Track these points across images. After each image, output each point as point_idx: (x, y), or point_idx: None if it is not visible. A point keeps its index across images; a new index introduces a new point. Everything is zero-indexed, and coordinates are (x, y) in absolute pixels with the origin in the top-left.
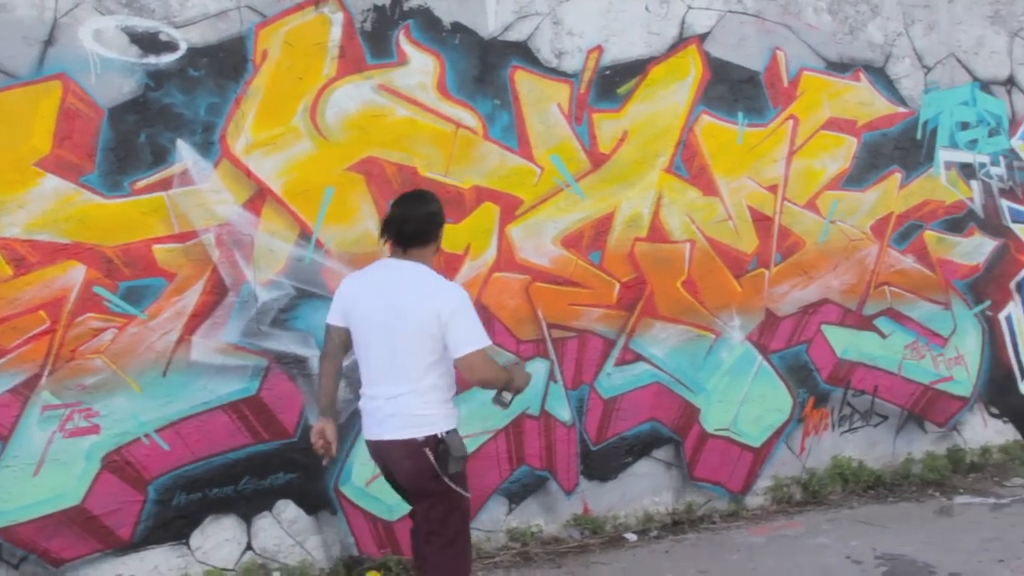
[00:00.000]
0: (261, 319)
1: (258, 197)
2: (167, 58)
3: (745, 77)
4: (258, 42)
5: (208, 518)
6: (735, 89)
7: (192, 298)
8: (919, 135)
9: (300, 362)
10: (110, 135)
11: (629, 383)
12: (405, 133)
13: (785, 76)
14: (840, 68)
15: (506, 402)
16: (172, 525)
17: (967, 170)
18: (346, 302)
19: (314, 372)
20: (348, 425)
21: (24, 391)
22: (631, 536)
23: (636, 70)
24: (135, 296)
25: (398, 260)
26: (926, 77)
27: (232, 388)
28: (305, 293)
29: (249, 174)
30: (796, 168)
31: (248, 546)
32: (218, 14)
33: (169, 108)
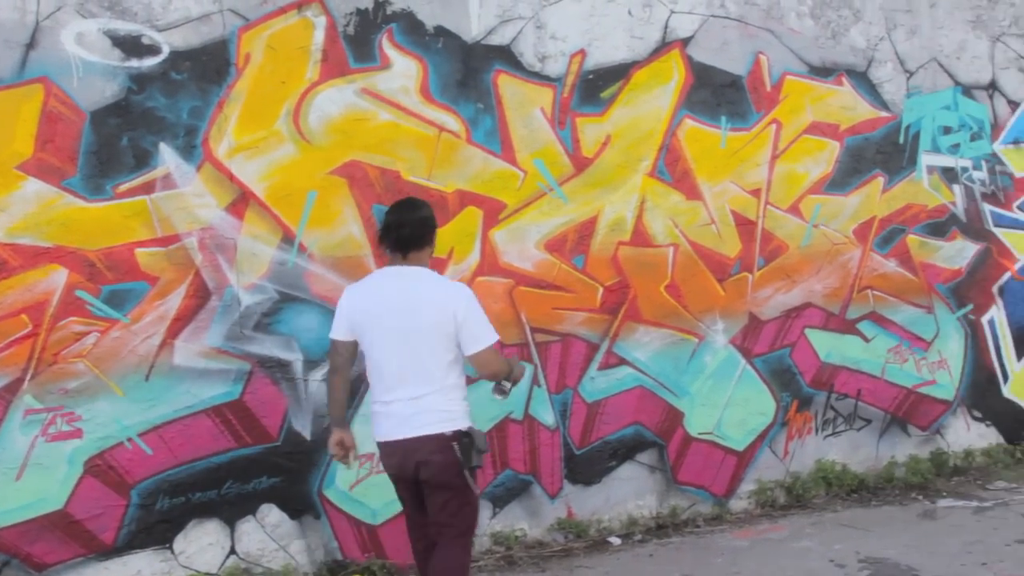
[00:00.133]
0: (244, 323)
1: (241, 201)
2: (149, 61)
3: (728, 81)
4: (241, 46)
5: (191, 522)
6: (718, 93)
7: (175, 302)
8: (901, 139)
9: (283, 366)
10: (92, 138)
11: (613, 387)
12: (388, 137)
13: (768, 80)
14: (823, 72)
15: (506, 391)
16: (155, 529)
17: (949, 174)
18: (353, 314)
19: (298, 376)
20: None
21: (6, 395)
22: (615, 540)
23: (619, 74)
24: (118, 300)
25: (399, 267)
26: (908, 82)
27: (215, 392)
28: (288, 297)
29: (232, 178)
30: (779, 172)
31: (232, 550)
32: (200, 17)
33: (151, 111)
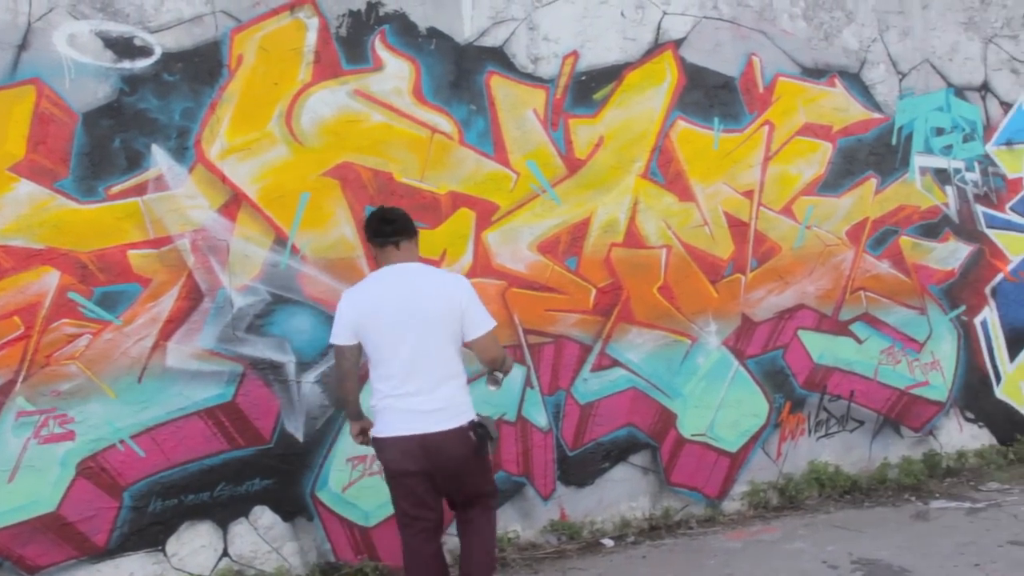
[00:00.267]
0: (237, 325)
1: (233, 202)
2: (142, 63)
3: (721, 83)
4: (233, 47)
5: (184, 524)
6: (711, 95)
7: (167, 304)
8: (894, 141)
9: (276, 368)
10: (84, 140)
11: (606, 388)
12: (381, 139)
13: (760, 82)
14: (815, 74)
15: (499, 381)
16: (148, 532)
17: (942, 176)
18: (357, 317)
19: (290, 378)
20: (325, 431)
21: None
22: (608, 542)
23: (612, 76)
24: (110, 302)
25: (396, 265)
26: (901, 83)
27: (208, 394)
28: (281, 299)
29: (224, 179)
30: (772, 174)
31: (224, 552)
32: (193, 19)
33: (144, 113)
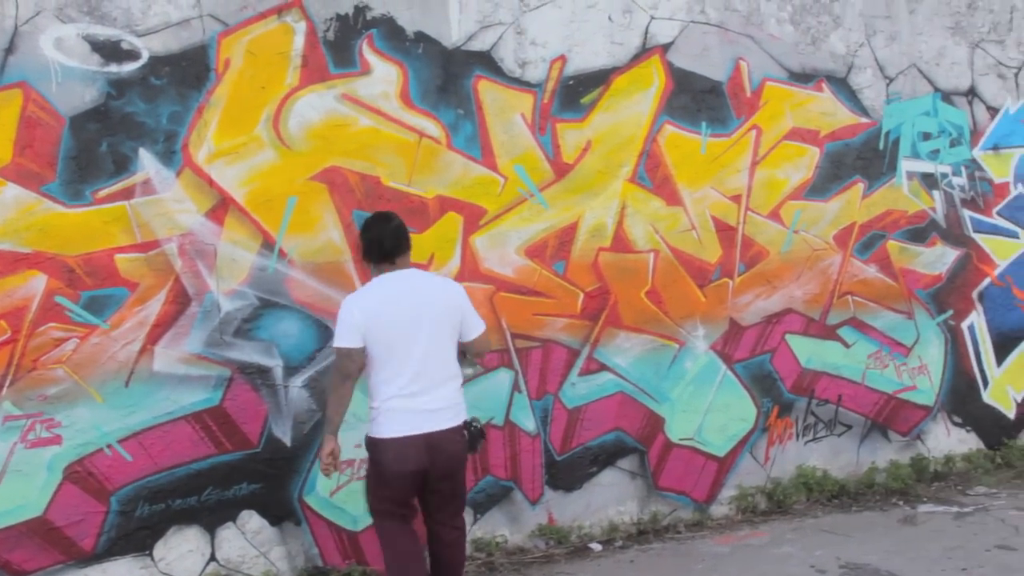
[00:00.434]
0: (224, 329)
1: (221, 206)
2: (129, 67)
3: (708, 87)
4: (220, 51)
5: (171, 529)
6: (698, 99)
7: (155, 308)
8: (881, 145)
9: (263, 372)
10: (71, 144)
11: (593, 393)
12: (368, 143)
13: (748, 86)
14: (803, 78)
15: (475, 363)
16: (135, 536)
17: (929, 180)
18: (366, 320)
19: (278, 382)
20: (312, 435)
21: None
22: (596, 546)
23: (599, 80)
24: (97, 306)
25: (395, 272)
26: (888, 88)
27: (195, 398)
28: (268, 303)
29: (212, 183)
30: (759, 178)
31: (212, 557)
32: (180, 23)
33: (131, 117)
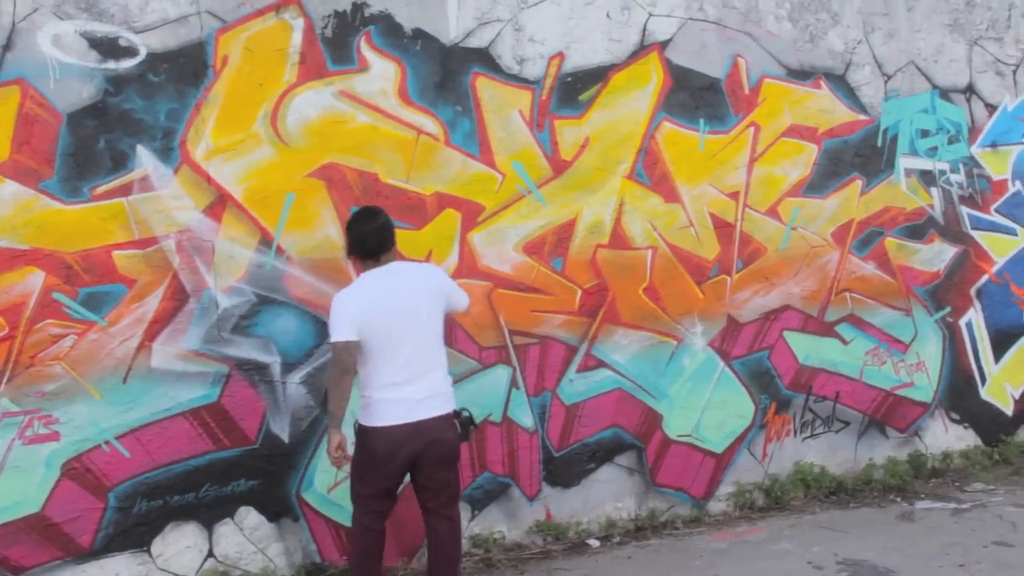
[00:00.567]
0: (222, 325)
1: (218, 203)
2: (127, 63)
3: (706, 84)
4: (218, 48)
5: (169, 525)
6: (696, 96)
7: (152, 304)
8: (879, 142)
9: (261, 368)
10: (69, 140)
11: (591, 389)
12: (366, 139)
13: (746, 83)
14: (801, 76)
15: None
16: (133, 532)
17: (927, 177)
18: (360, 314)
19: (276, 379)
20: (310, 431)
21: None
22: (594, 542)
23: (597, 77)
24: (95, 302)
25: (382, 267)
26: (886, 85)
27: (193, 395)
28: (266, 299)
29: (209, 180)
30: (757, 175)
31: (210, 553)
32: (178, 19)
33: (129, 114)
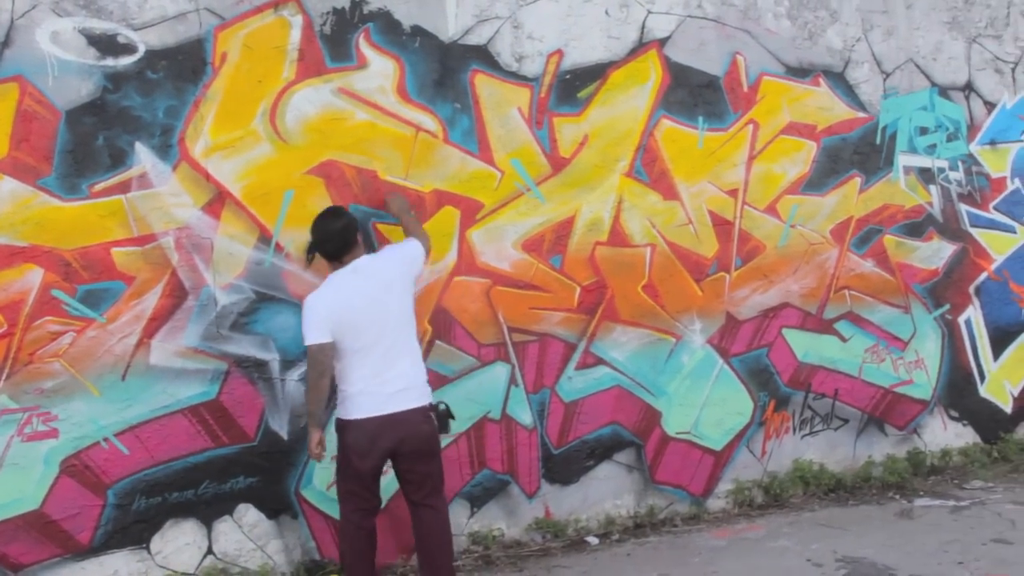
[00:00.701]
0: (221, 323)
1: (217, 200)
2: (125, 60)
3: (705, 82)
4: (217, 45)
5: (168, 522)
6: (695, 94)
7: (151, 302)
8: (878, 140)
9: (260, 366)
10: (68, 137)
11: (590, 387)
12: (365, 136)
13: (745, 81)
14: (800, 73)
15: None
16: (132, 529)
17: (926, 175)
18: (331, 315)
19: (275, 376)
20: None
21: None
22: (593, 539)
23: (596, 74)
24: (94, 299)
25: (347, 265)
26: (885, 82)
27: (192, 392)
28: (265, 297)
29: (208, 177)
30: (756, 172)
31: (209, 550)
32: (177, 16)
33: (127, 111)
